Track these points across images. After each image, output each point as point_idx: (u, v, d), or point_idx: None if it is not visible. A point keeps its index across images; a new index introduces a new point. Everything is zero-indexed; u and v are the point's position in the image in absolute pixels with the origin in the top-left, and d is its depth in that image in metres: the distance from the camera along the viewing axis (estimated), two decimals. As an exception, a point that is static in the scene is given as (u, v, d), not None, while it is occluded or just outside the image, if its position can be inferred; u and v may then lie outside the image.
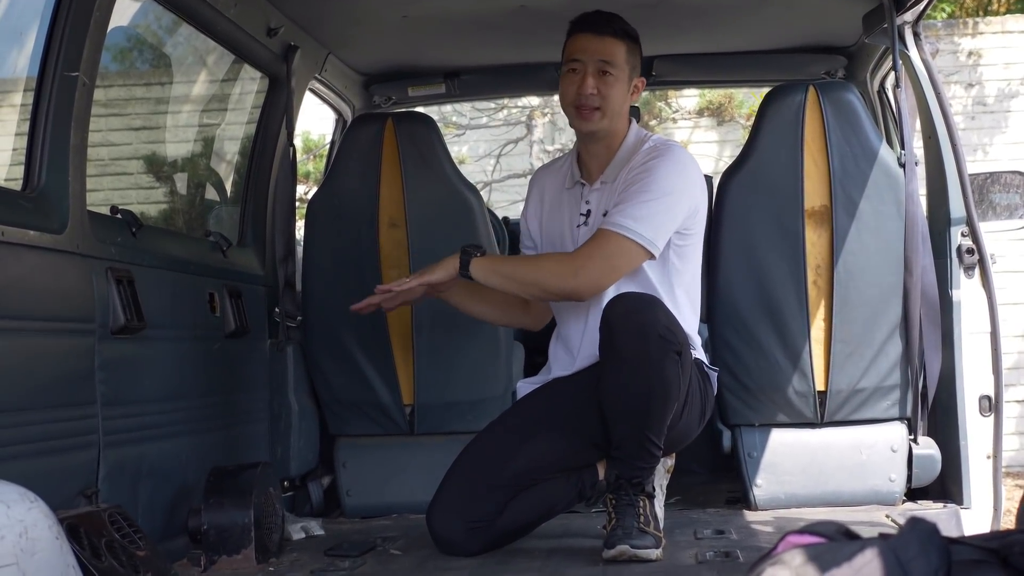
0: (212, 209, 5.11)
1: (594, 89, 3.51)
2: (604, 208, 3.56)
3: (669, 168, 3.46)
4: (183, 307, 3.77)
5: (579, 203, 3.65)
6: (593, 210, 3.60)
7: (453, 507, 3.48)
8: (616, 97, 3.53)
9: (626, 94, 3.57)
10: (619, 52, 3.53)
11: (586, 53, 3.53)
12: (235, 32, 4.06)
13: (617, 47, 3.53)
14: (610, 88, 3.51)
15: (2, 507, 2.07)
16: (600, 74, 3.51)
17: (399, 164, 4.30)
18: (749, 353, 4.09)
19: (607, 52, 3.52)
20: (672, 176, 3.46)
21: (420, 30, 4.60)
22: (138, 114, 5.58)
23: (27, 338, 2.89)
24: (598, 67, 3.51)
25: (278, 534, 3.59)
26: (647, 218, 3.38)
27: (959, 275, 4.01)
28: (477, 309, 3.78)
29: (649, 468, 3.34)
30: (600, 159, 3.63)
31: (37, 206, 3.00)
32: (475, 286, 3.60)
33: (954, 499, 4.02)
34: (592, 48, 3.53)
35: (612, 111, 3.53)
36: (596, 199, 3.61)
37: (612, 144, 3.61)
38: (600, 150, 3.62)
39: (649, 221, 3.39)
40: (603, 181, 3.60)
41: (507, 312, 3.81)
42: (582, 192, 3.65)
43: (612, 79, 3.51)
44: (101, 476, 3.14)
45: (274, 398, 4.37)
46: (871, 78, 4.82)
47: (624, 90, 3.55)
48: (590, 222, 3.59)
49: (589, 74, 3.51)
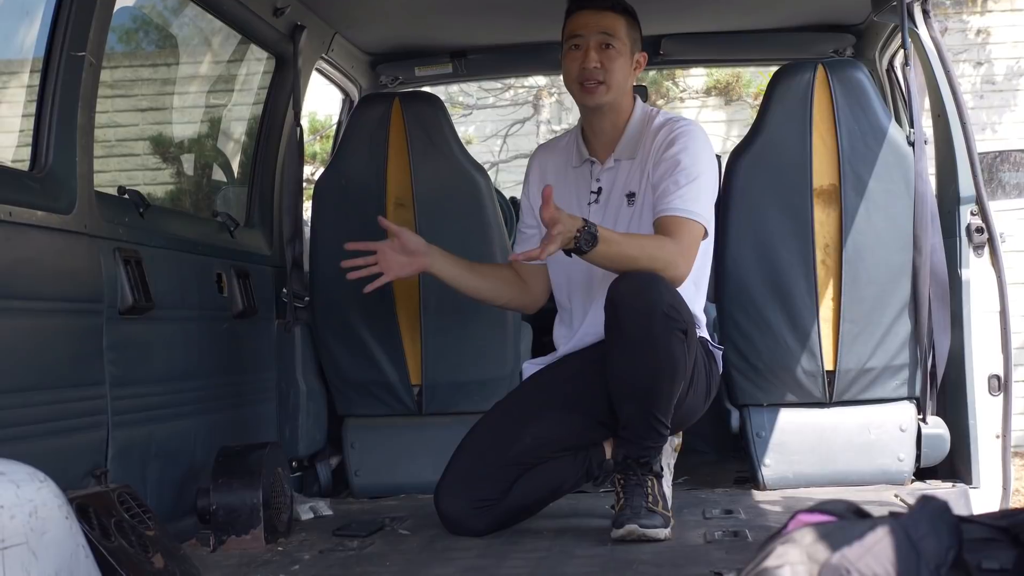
0: (219, 189, 5.11)
1: (597, 63, 3.51)
2: (626, 187, 3.55)
3: (700, 145, 3.50)
4: (191, 287, 3.77)
5: (588, 181, 3.64)
6: (605, 188, 3.59)
7: (461, 487, 3.48)
8: (619, 70, 3.53)
9: (629, 68, 3.57)
10: (619, 26, 3.54)
11: (587, 28, 3.53)
12: (241, 12, 4.05)
13: (617, 21, 3.54)
14: (613, 61, 3.52)
15: (12, 487, 2.07)
16: (602, 48, 3.51)
17: (406, 144, 4.30)
18: (757, 333, 4.08)
19: (608, 25, 3.52)
20: (704, 153, 3.50)
21: (427, 9, 4.58)
22: (145, 95, 5.57)
23: (36, 319, 2.89)
24: (600, 41, 3.51)
25: (287, 514, 3.60)
26: (700, 198, 3.42)
27: (968, 254, 4.00)
28: (467, 283, 3.70)
29: (656, 447, 3.34)
30: (607, 136, 3.62)
31: (45, 186, 3.00)
32: (462, 260, 3.63)
33: (963, 479, 4.02)
34: (592, 23, 3.53)
35: (616, 84, 3.53)
36: (610, 177, 3.60)
37: (618, 121, 3.60)
38: (606, 126, 3.61)
39: (704, 200, 3.44)
40: (616, 159, 3.59)
41: (500, 289, 3.77)
42: (591, 170, 3.64)
43: (615, 52, 3.52)
44: (110, 456, 3.14)
45: (282, 378, 4.37)
46: (880, 56, 4.80)
47: (627, 64, 3.55)
48: (602, 200, 3.58)
49: (591, 48, 3.51)
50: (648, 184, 3.52)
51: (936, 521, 1.54)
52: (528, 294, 3.79)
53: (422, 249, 3.58)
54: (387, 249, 3.56)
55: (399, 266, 3.56)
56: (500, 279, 3.77)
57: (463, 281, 3.69)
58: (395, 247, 3.56)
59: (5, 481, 2.07)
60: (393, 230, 3.57)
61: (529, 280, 3.77)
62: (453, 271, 3.66)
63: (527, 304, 3.83)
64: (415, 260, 3.58)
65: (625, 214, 3.55)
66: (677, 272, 3.33)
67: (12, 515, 2.03)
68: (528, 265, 3.72)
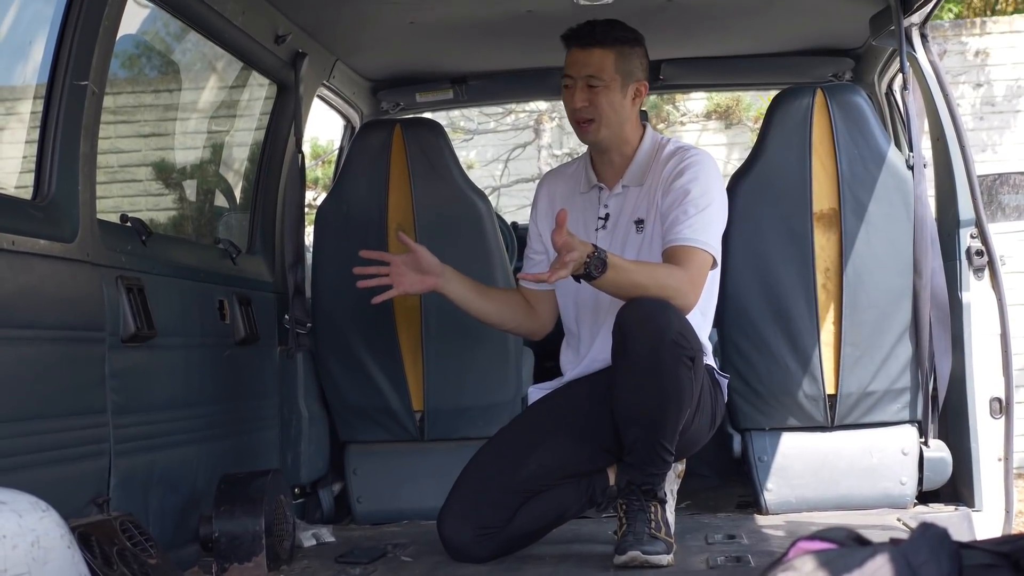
0: (221, 216, 5.12)
1: (584, 102, 3.52)
2: (634, 213, 3.56)
3: (711, 175, 3.50)
4: (193, 315, 3.77)
5: (596, 207, 3.64)
6: (612, 214, 3.60)
7: (464, 513, 3.48)
8: (608, 106, 3.52)
9: (622, 101, 3.55)
10: (606, 62, 3.52)
11: (574, 67, 3.54)
12: (243, 39, 4.07)
13: (604, 57, 3.52)
14: (599, 97, 3.51)
15: (14, 516, 2.07)
16: (589, 87, 3.51)
17: (407, 170, 4.31)
18: (759, 357, 4.08)
19: (593, 65, 3.51)
20: (714, 183, 3.50)
21: (427, 36, 4.60)
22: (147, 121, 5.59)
23: (38, 347, 2.89)
24: (586, 81, 3.52)
25: (289, 541, 3.59)
26: (710, 228, 3.43)
27: (968, 277, 4.01)
28: (477, 306, 3.70)
29: (660, 474, 3.34)
30: (615, 165, 3.63)
31: (47, 215, 3.01)
32: (475, 283, 3.63)
33: (965, 502, 4.01)
34: (580, 62, 3.53)
35: (607, 120, 3.53)
36: (618, 204, 3.60)
37: (625, 151, 3.61)
38: (613, 157, 3.62)
39: (713, 232, 3.44)
40: (624, 185, 3.60)
41: (509, 313, 3.76)
42: (599, 196, 3.65)
43: (602, 88, 3.51)
44: (112, 484, 3.14)
45: (284, 405, 4.37)
46: (879, 80, 4.82)
47: (617, 98, 3.54)
48: (609, 226, 3.59)
49: (579, 88, 3.52)
50: (657, 212, 3.52)
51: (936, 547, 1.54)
52: (535, 320, 3.79)
53: (436, 269, 3.59)
54: (400, 263, 3.56)
55: (410, 282, 3.57)
56: (509, 304, 3.77)
57: (472, 304, 3.69)
58: (409, 263, 3.57)
59: (7, 511, 2.07)
60: (411, 246, 3.58)
61: (536, 305, 3.77)
62: (464, 293, 3.66)
63: (534, 330, 3.82)
64: (427, 279, 3.58)
65: (634, 241, 3.56)
66: (686, 301, 3.32)
67: (15, 544, 2.03)
68: (535, 290, 3.73)
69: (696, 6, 4.39)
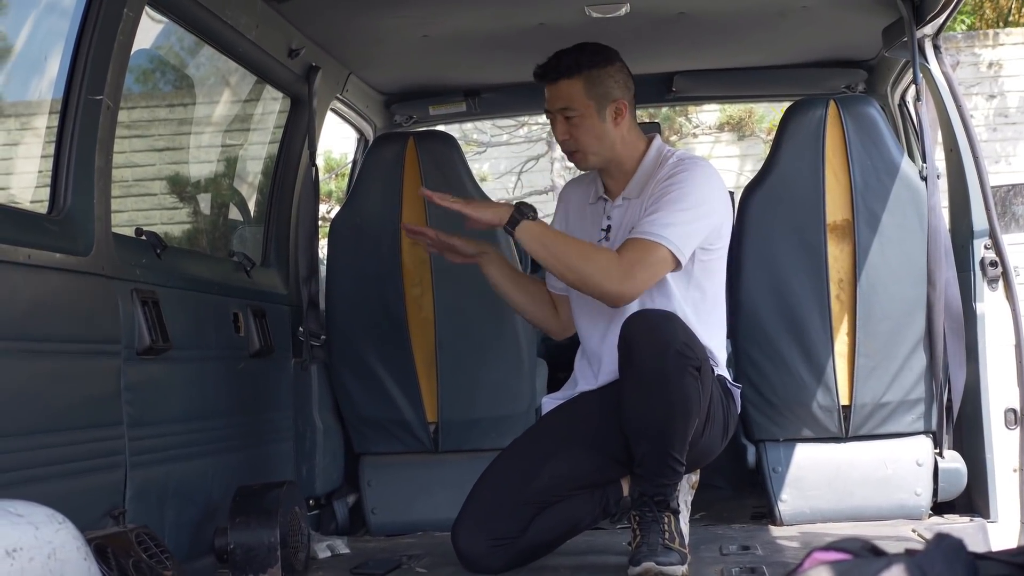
0: (235, 229, 5.14)
1: (566, 134, 3.53)
2: (628, 223, 3.56)
3: (697, 180, 3.45)
4: (208, 327, 3.79)
5: (600, 218, 3.65)
6: (614, 225, 3.61)
7: (478, 524, 3.48)
8: (587, 135, 3.51)
9: (602, 126, 3.52)
10: (575, 92, 3.49)
11: (549, 102, 3.55)
12: (257, 53, 4.09)
13: (572, 87, 3.50)
14: (577, 129, 3.51)
15: (30, 528, 2.08)
16: (566, 119, 3.52)
17: (421, 182, 4.32)
18: (772, 368, 4.08)
19: (562, 98, 3.51)
20: (700, 188, 3.44)
21: (440, 49, 4.62)
22: (161, 135, 5.62)
23: (54, 360, 2.91)
24: (561, 114, 3.52)
25: (304, 553, 3.60)
26: (677, 226, 3.37)
27: (983, 288, 4.00)
28: (511, 292, 3.72)
29: (672, 485, 3.33)
30: (618, 180, 3.64)
31: (63, 229, 3.03)
32: (515, 270, 3.68)
33: (981, 513, 4.00)
34: (552, 97, 3.54)
35: (590, 148, 3.53)
36: (618, 215, 3.61)
37: (625, 167, 3.60)
38: (614, 174, 3.63)
39: (679, 229, 3.37)
40: (625, 197, 3.60)
41: (538, 307, 3.77)
42: (604, 208, 3.66)
43: (578, 118, 3.50)
44: (128, 496, 3.15)
45: (299, 417, 4.38)
46: (892, 91, 4.82)
47: (594, 124, 3.51)
48: (610, 237, 3.60)
49: (558, 122, 3.53)
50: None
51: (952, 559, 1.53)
52: (557, 320, 3.81)
53: (481, 249, 3.61)
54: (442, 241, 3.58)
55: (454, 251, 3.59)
56: (539, 297, 3.79)
57: (504, 287, 3.71)
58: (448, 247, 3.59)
59: (24, 523, 2.08)
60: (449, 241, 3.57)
61: (560, 308, 3.79)
62: (500, 277, 3.69)
63: (556, 328, 3.82)
64: (470, 256, 3.61)
65: None
66: (614, 286, 3.32)
67: (31, 557, 2.04)
68: (557, 294, 3.76)
69: (708, 18, 4.40)
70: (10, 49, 4.05)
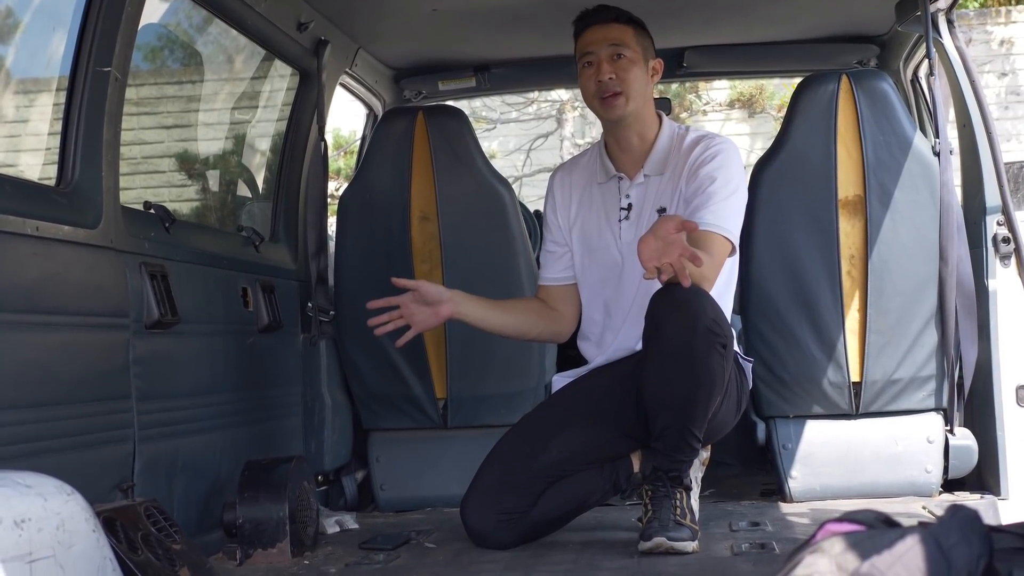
0: (244, 204, 5.13)
1: (612, 74, 3.51)
2: (657, 202, 3.54)
3: (735, 165, 3.49)
4: (216, 302, 3.78)
5: (617, 197, 3.63)
6: (636, 204, 3.59)
7: (487, 500, 3.48)
8: (635, 79, 3.53)
9: (645, 76, 3.57)
10: (628, 35, 3.54)
11: (596, 43, 3.53)
12: (265, 27, 4.07)
13: (624, 31, 3.54)
14: (627, 71, 3.52)
15: (40, 499, 2.08)
16: (614, 59, 3.52)
17: (430, 158, 4.30)
18: (783, 344, 4.07)
19: (616, 36, 3.53)
20: (737, 170, 3.49)
21: (450, 24, 4.59)
22: (170, 112, 5.60)
23: (62, 333, 2.90)
24: (611, 52, 3.52)
25: (313, 528, 3.60)
26: (732, 215, 3.40)
27: (995, 264, 3.98)
28: (499, 322, 3.69)
29: (688, 461, 3.32)
30: (635, 151, 3.61)
31: (71, 201, 3.02)
32: (492, 301, 3.64)
33: (991, 490, 3.99)
34: (601, 37, 3.53)
35: (634, 93, 3.53)
36: (640, 193, 3.59)
37: (645, 134, 3.60)
38: (633, 140, 3.60)
39: (734, 218, 3.41)
40: (646, 174, 3.58)
41: (533, 321, 3.74)
42: (619, 186, 3.63)
43: (627, 61, 3.52)
44: (137, 470, 3.15)
45: (307, 392, 4.38)
46: (904, 67, 4.78)
47: (642, 71, 3.55)
48: (632, 216, 3.58)
49: (604, 61, 3.52)
50: (680, 199, 3.51)
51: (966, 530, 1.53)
52: (559, 322, 3.76)
53: (444, 296, 3.55)
54: (409, 302, 3.52)
55: (423, 319, 3.52)
56: (528, 312, 3.75)
57: (491, 321, 3.67)
58: (416, 298, 3.53)
59: (33, 494, 2.08)
60: (409, 285, 3.53)
61: (560, 306, 3.75)
62: (479, 313, 3.63)
63: (559, 332, 3.79)
64: (439, 310, 3.53)
65: None
66: (707, 287, 3.32)
67: (40, 528, 2.04)
68: (559, 288, 3.72)
69: (719, -8, 4.37)
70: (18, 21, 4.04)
